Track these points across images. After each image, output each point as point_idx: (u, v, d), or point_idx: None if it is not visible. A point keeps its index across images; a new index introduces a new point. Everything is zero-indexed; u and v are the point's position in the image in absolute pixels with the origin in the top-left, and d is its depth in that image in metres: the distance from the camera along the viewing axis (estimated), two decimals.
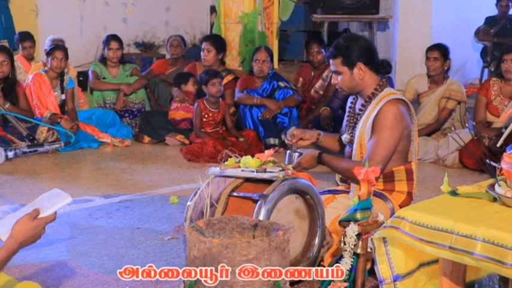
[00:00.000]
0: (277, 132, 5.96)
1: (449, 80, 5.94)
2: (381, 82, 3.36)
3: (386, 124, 3.22)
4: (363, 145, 3.30)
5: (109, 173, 5.29)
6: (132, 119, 6.64)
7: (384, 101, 3.26)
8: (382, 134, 3.22)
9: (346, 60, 3.31)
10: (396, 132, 3.23)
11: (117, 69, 6.92)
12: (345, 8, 7.50)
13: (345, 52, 3.31)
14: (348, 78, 3.33)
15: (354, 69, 3.31)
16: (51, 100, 6.18)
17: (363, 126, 3.31)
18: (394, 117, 3.22)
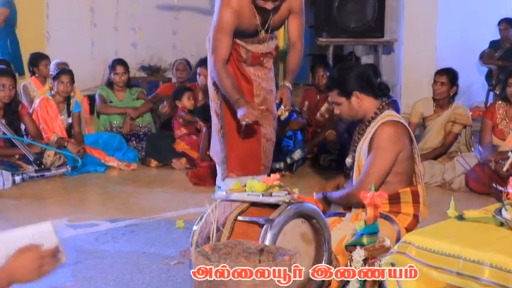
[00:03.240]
0: (282, 156, 5.94)
1: (455, 103, 5.94)
2: (380, 106, 3.37)
3: (380, 145, 3.23)
4: (361, 166, 3.32)
5: (115, 197, 5.29)
6: (138, 143, 6.65)
7: (380, 123, 3.28)
8: (376, 154, 3.24)
9: (342, 91, 3.35)
10: (390, 153, 3.23)
11: (124, 93, 6.96)
12: (350, 31, 7.53)
13: (339, 84, 3.37)
14: (347, 108, 3.37)
15: (351, 98, 3.34)
16: (58, 124, 6.20)
17: (360, 148, 3.35)
18: (388, 137, 3.23)
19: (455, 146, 5.87)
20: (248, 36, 4.33)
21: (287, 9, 4.28)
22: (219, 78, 4.23)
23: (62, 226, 4.47)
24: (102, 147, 6.32)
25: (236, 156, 4.45)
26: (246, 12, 4.19)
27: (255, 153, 4.44)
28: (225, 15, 4.17)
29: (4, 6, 7.76)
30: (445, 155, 5.80)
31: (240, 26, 4.22)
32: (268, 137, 4.46)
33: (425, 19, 8.07)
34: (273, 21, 4.26)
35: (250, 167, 4.44)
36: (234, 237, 2.87)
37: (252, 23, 4.23)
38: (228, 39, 4.22)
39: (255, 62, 4.42)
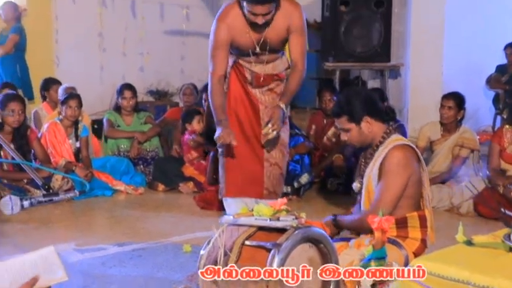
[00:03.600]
0: (289, 180, 5.91)
1: (462, 127, 5.93)
2: (387, 130, 3.38)
3: (391, 169, 3.24)
4: (371, 191, 3.31)
5: (122, 221, 5.28)
6: (145, 167, 6.67)
7: (389, 147, 3.28)
8: (387, 179, 3.24)
9: (352, 117, 3.34)
10: (400, 178, 3.23)
11: (131, 117, 6.99)
12: (357, 56, 7.55)
13: (348, 109, 3.35)
14: (356, 134, 3.37)
15: (361, 124, 3.34)
16: (66, 148, 6.23)
17: (369, 173, 3.34)
18: (398, 162, 3.24)
19: (463, 170, 5.85)
20: (246, 55, 4.31)
21: (285, 28, 4.22)
22: (211, 93, 4.28)
23: (69, 250, 4.46)
24: (110, 171, 6.34)
25: (234, 177, 4.42)
26: (239, 28, 4.18)
27: (257, 176, 4.39)
28: (218, 31, 4.20)
29: (15, 33, 7.83)
30: (452, 179, 5.78)
31: (235, 42, 4.23)
32: (273, 162, 4.40)
33: (432, 44, 8.09)
34: (269, 39, 4.22)
35: (250, 190, 4.40)
36: (241, 261, 2.86)
37: (247, 39, 4.21)
38: (224, 54, 4.24)
39: (259, 83, 4.38)
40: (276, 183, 4.47)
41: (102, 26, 8.68)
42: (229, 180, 4.43)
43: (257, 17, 4.03)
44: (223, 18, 4.21)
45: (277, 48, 4.34)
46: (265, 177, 4.40)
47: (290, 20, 4.20)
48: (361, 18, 7.44)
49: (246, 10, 4.06)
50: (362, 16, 7.44)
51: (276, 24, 4.19)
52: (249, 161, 4.38)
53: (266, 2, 3.98)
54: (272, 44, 4.26)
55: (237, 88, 4.38)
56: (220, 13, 4.27)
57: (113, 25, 9.00)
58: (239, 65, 4.37)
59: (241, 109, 4.42)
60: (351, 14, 7.40)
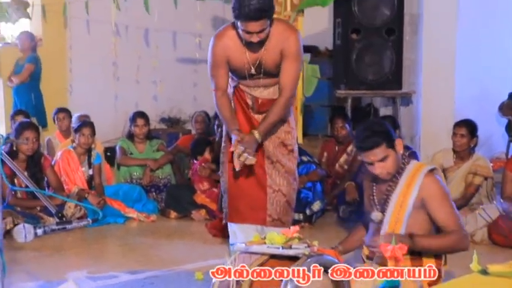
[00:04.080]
0: (301, 207, 5.89)
1: (475, 155, 5.90)
2: (403, 156, 3.37)
3: (443, 196, 3.26)
4: (400, 220, 3.26)
5: (135, 249, 5.27)
6: (158, 194, 6.67)
7: (421, 176, 3.27)
8: (445, 205, 3.26)
9: (389, 142, 3.31)
10: (450, 200, 3.30)
11: (144, 144, 7.02)
12: (368, 83, 7.56)
13: (385, 136, 3.31)
14: (394, 159, 3.33)
15: (396, 147, 3.33)
16: (79, 176, 6.26)
17: (399, 203, 3.29)
18: (443, 188, 3.29)
19: (477, 198, 5.81)
20: (243, 77, 4.25)
21: (279, 51, 4.11)
22: (218, 107, 4.27)
23: (81, 278, 4.46)
24: (122, 198, 6.34)
25: (236, 204, 4.35)
26: (235, 48, 4.15)
27: (260, 202, 4.29)
28: (215, 49, 4.19)
29: (30, 62, 7.93)
30: (466, 207, 5.73)
31: (230, 62, 4.19)
32: (276, 188, 4.30)
33: (443, 71, 8.09)
34: (264, 61, 4.13)
35: (252, 216, 4.32)
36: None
37: (242, 60, 4.15)
38: (223, 71, 4.22)
39: (261, 109, 4.29)
40: (281, 211, 4.35)
41: (116, 55, 8.73)
42: (231, 206, 4.38)
43: (252, 36, 3.96)
44: (219, 37, 4.20)
45: (273, 71, 4.20)
46: (268, 204, 4.30)
47: (284, 44, 4.09)
48: (372, 46, 7.47)
49: (241, 30, 4.00)
50: (373, 44, 7.46)
51: (271, 47, 4.11)
52: (252, 187, 4.32)
53: (259, 18, 3.89)
54: (267, 66, 4.17)
55: (239, 114, 4.32)
56: (217, 32, 4.27)
57: (127, 54, 9.07)
58: (240, 90, 4.32)
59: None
60: (362, 41, 7.43)
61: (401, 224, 3.25)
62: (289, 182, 4.35)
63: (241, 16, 3.89)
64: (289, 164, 4.36)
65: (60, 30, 8.70)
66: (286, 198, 4.35)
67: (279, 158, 4.31)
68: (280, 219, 4.32)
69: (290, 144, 4.37)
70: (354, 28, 7.45)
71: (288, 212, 4.38)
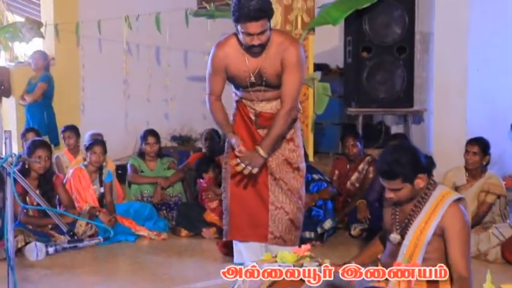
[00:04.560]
0: (312, 226, 5.88)
1: (488, 173, 5.87)
2: (431, 181, 3.32)
3: (461, 231, 3.20)
4: (419, 246, 3.21)
5: (146, 267, 5.26)
6: (169, 212, 6.66)
7: (446, 205, 3.23)
8: (462, 242, 3.19)
9: (406, 177, 3.24)
10: (468, 237, 3.25)
11: (155, 162, 7.03)
12: (380, 101, 7.56)
13: (402, 171, 3.23)
14: (408, 192, 3.28)
15: (415, 182, 3.26)
16: (90, 194, 6.27)
17: (420, 228, 3.25)
18: (465, 221, 3.21)
19: (490, 216, 5.77)
20: (244, 87, 4.25)
21: (279, 61, 4.10)
22: (211, 111, 4.34)
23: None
24: (133, 216, 6.34)
25: (238, 220, 4.35)
26: (235, 56, 4.17)
27: (261, 219, 4.29)
28: (214, 57, 4.23)
29: (43, 81, 7.99)
30: (479, 226, 5.68)
31: (230, 70, 4.21)
32: (278, 205, 4.29)
33: (455, 89, 8.07)
34: (265, 69, 4.12)
35: (253, 233, 4.32)
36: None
37: (242, 67, 4.16)
38: (219, 78, 4.26)
39: (264, 124, 4.28)
40: (283, 229, 4.32)
41: (127, 74, 8.79)
42: (233, 222, 4.36)
43: (253, 38, 3.96)
44: (220, 45, 4.24)
45: (274, 82, 4.16)
46: (270, 221, 4.29)
47: (284, 54, 4.08)
48: (383, 64, 7.48)
49: (241, 34, 4.00)
50: (384, 62, 7.48)
51: (271, 55, 4.11)
52: (254, 204, 4.31)
53: (259, 18, 3.89)
54: (268, 76, 4.15)
55: (243, 130, 4.33)
56: (219, 41, 4.30)
57: (138, 72, 9.12)
58: (243, 105, 4.33)
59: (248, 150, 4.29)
60: (373, 60, 7.45)
61: (420, 249, 3.20)
62: (292, 200, 4.31)
63: (241, 17, 3.91)
64: (293, 181, 4.33)
65: (73, 49, 8.78)
66: (289, 216, 4.31)
67: (282, 175, 4.29)
68: (282, 237, 4.29)
69: (295, 162, 4.35)
70: (365, 46, 7.47)
71: (291, 231, 4.34)
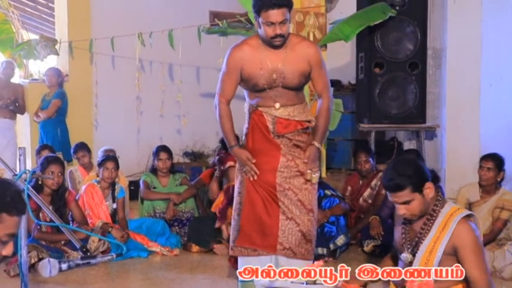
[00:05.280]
0: (325, 242, 5.86)
1: (502, 189, 5.83)
2: (438, 196, 3.29)
3: (473, 247, 3.15)
4: (429, 265, 3.16)
5: (158, 283, 5.25)
6: (181, 228, 6.66)
7: (455, 222, 3.19)
8: (477, 259, 3.14)
9: (415, 186, 3.22)
10: (483, 252, 3.18)
11: (167, 178, 7.03)
12: (392, 117, 7.53)
13: (412, 179, 3.22)
14: (419, 203, 3.24)
15: (424, 191, 3.24)
16: (103, 210, 6.28)
17: (429, 247, 3.22)
18: (476, 238, 3.17)
19: (505, 233, 5.72)
20: (261, 89, 4.23)
21: (304, 60, 4.20)
22: (220, 116, 4.35)
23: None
24: (146, 232, 6.33)
25: (248, 226, 4.30)
26: (253, 53, 4.20)
27: (271, 228, 4.26)
28: (229, 58, 4.26)
29: (57, 98, 8.06)
30: (494, 242, 5.64)
31: (246, 70, 4.21)
32: (289, 216, 4.25)
33: (468, 105, 8.05)
34: (285, 66, 4.16)
35: (262, 241, 4.27)
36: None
37: (260, 66, 4.18)
38: (233, 79, 4.27)
39: (282, 131, 4.27)
40: (293, 241, 4.26)
41: (140, 90, 8.84)
42: (242, 228, 4.30)
43: (275, 28, 4.03)
44: (237, 45, 4.29)
45: (293, 82, 4.21)
46: (279, 231, 4.24)
47: (307, 52, 4.21)
48: (395, 80, 7.47)
49: (263, 25, 4.07)
50: (397, 78, 7.46)
51: (294, 54, 4.17)
52: (265, 212, 4.28)
53: (280, 5, 3.99)
54: (288, 75, 4.18)
55: (259, 138, 4.32)
56: (236, 43, 4.33)
57: (151, 89, 9.17)
58: (259, 113, 4.30)
59: (261, 160, 4.30)
60: (385, 76, 7.44)
61: None
62: (303, 212, 4.27)
63: (264, 6, 4.01)
64: (305, 192, 4.29)
65: (86, 66, 8.85)
66: (300, 228, 4.26)
67: (292, 187, 4.27)
68: (291, 249, 4.24)
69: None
70: (377, 62, 7.47)
71: (301, 243, 4.28)
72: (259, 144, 4.30)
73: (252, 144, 4.33)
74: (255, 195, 4.25)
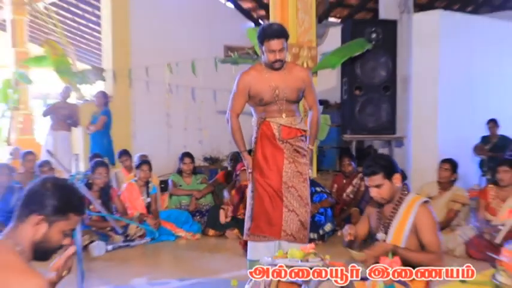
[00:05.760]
0: (315, 228, 5.87)
1: (455, 187, 5.86)
2: (404, 189, 3.32)
3: (431, 224, 3.17)
4: (398, 241, 3.19)
5: (183, 261, 5.29)
6: (201, 218, 6.68)
7: (417, 206, 3.20)
8: (433, 231, 3.17)
9: (387, 173, 3.25)
10: (437, 228, 3.21)
11: (190, 178, 7.07)
12: (369, 129, 7.53)
13: (385, 168, 3.26)
14: (388, 189, 3.26)
15: (393, 179, 3.27)
16: (140, 203, 6.31)
17: (398, 228, 3.23)
18: (433, 217, 3.20)
19: (456, 221, 5.76)
20: (268, 102, 4.22)
21: (299, 79, 4.23)
22: (232, 128, 4.29)
23: (142, 284, 4.47)
24: (173, 221, 6.36)
25: (259, 218, 4.29)
26: (259, 75, 4.19)
27: (276, 219, 4.25)
28: (239, 80, 4.23)
29: (104, 115, 8.08)
30: (448, 228, 5.68)
31: (255, 89, 4.20)
32: (290, 208, 4.25)
33: (428, 120, 8.09)
34: (285, 84, 4.18)
35: (270, 229, 4.27)
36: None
37: (266, 84, 4.18)
38: (242, 98, 4.25)
39: (285, 137, 4.26)
40: (294, 228, 4.27)
41: (169, 108, 8.89)
42: (255, 220, 4.30)
43: (275, 54, 4.07)
44: (246, 71, 4.28)
45: (292, 98, 4.24)
46: (283, 221, 4.24)
47: (300, 75, 4.26)
48: (372, 100, 7.46)
49: (265, 52, 4.10)
50: (373, 98, 7.45)
51: (291, 76, 4.20)
52: (271, 207, 4.28)
53: (280, 36, 4.04)
54: (287, 91, 4.20)
55: (266, 144, 4.29)
56: (244, 70, 4.31)
57: (177, 107, 9.21)
58: (267, 123, 4.28)
59: (269, 163, 4.30)
60: (364, 96, 7.43)
61: (399, 244, 3.20)
62: (301, 205, 4.27)
63: (266, 36, 4.05)
64: (303, 189, 4.30)
65: (126, 89, 8.89)
66: (299, 218, 4.27)
67: (294, 184, 4.28)
68: (293, 235, 4.25)
69: (305, 173, 4.34)
70: (357, 86, 7.46)
71: (300, 230, 4.29)
72: (266, 150, 4.29)
73: (261, 150, 4.31)
74: (263, 193, 4.26)
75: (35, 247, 1.99)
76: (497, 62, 8.82)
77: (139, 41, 9.05)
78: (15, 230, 2.00)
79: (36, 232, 1.98)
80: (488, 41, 8.71)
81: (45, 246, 2.01)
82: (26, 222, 1.99)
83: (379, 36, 7.30)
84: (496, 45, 8.76)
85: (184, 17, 9.63)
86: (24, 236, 1.98)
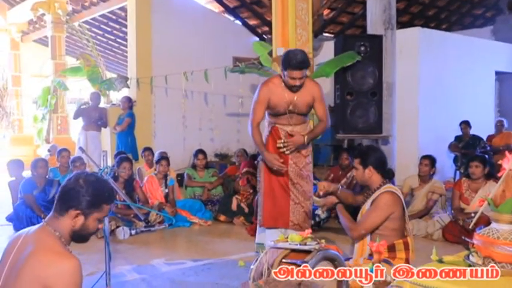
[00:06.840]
0: (312, 216, 5.82)
1: (433, 180, 5.83)
2: (383, 181, 3.32)
3: (377, 205, 3.21)
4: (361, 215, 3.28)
5: (197, 244, 5.28)
6: (212, 206, 6.67)
7: (382, 191, 3.24)
8: (372, 211, 3.22)
9: (362, 162, 3.30)
10: (381, 212, 3.19)
11: (203, 172, 7.06)
12: (359, 129, 7.48)
13: (362, 156, 3.31)
14: (360, 174, 3.34)
15: (366, 170, 3.29)
16: (159, 193, 6.31)
17: (365, 205, 3.32)
18: (385, 202, 3.20)
19: (434, 209, 5.73)
20: (282, 114, 4.18)
21: (311, 95, 4.15)
22: (253, 135, 4.18)
23: (160, 263, 4.47)
24: (188, 209, 6.35)
25: (269, 211, 4.28)
26: (277, 91, 4.13)
27: (284, 211, 4.25)
28: (260, 91, 4.16)
29: (128, 117, 8.09)
30: (427, 215, 5.65)
31: (272, 101, 4.14)
32: (297, 201, 4.25)
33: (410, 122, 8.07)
34: (298, 101, 4.12)
35: (280, 220, 4.26)
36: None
37: (282, 99, 4.12)
38: (262, 108, 4.16)
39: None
40: (300, 218, 4.27)
41: (185, 110, 8.87)
42: (265, 212, 4.30)
43: (295, 80, 3.99)
44: (266, 83, 4.21)
45: (304, 111, 4.20)
46: (290, 213, 4.25)
47: (313, 91, 4.16)
48: (361, 104, 7.42)
49: (286, 77, 4.01)
50: (362, 102, 7.42)
51: (304, 92, 4.13)
52: (280, 200, 4.28)
53: (302, 67, 3.96)
54: (300, 105, 4.15)
55: (274, 148, 4.25)
56: (265, 80, 4.27)
57: (192, 110, 9.20)
58: (276, 129, 4.25)
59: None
60: (354, 101, 7.39)
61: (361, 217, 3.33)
62: (305, 198, 4.29)
63: (290, 66, 3.95)
64: (306, 185, 4.30)
65: (148, 95, 8.89)
66: (304, 209, 4.29)
67: (298, 181, 4.28)
68: (299, 224, 4.27)
69: (307, 171, 4.34)
70: (348, 92, 7.42)
71: (305, 220, 4.30)
72: (274, 150, 4.25)
73: (271, 150, 4.26)
74: (272, 189, 4.26)
75: (74, 234, 2.04)
76: (468, 72, 8.91)
77: (159, 53, 9.06)
78: (55, 220, 2.03)
79: (75, 224, 2.03)
80: (460, 54, 8.82)
81: (83, 233, 2.06)
82: (65, 216, 2.02)
83: (367, 49, 7.27)
84: (467, 58, 8.87)
85: (198, 32, 9.63)
86: (64, 226, 2.02)
